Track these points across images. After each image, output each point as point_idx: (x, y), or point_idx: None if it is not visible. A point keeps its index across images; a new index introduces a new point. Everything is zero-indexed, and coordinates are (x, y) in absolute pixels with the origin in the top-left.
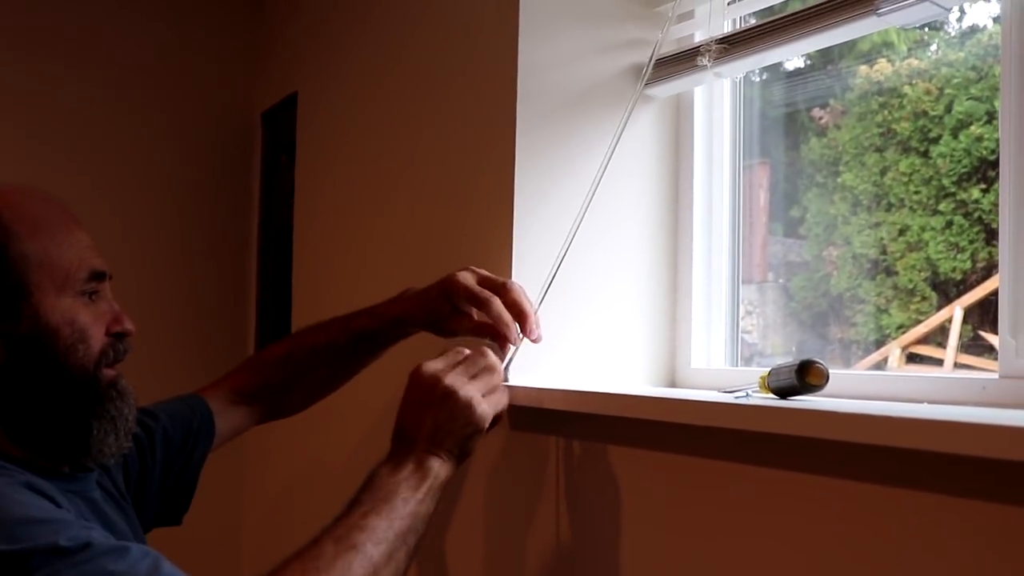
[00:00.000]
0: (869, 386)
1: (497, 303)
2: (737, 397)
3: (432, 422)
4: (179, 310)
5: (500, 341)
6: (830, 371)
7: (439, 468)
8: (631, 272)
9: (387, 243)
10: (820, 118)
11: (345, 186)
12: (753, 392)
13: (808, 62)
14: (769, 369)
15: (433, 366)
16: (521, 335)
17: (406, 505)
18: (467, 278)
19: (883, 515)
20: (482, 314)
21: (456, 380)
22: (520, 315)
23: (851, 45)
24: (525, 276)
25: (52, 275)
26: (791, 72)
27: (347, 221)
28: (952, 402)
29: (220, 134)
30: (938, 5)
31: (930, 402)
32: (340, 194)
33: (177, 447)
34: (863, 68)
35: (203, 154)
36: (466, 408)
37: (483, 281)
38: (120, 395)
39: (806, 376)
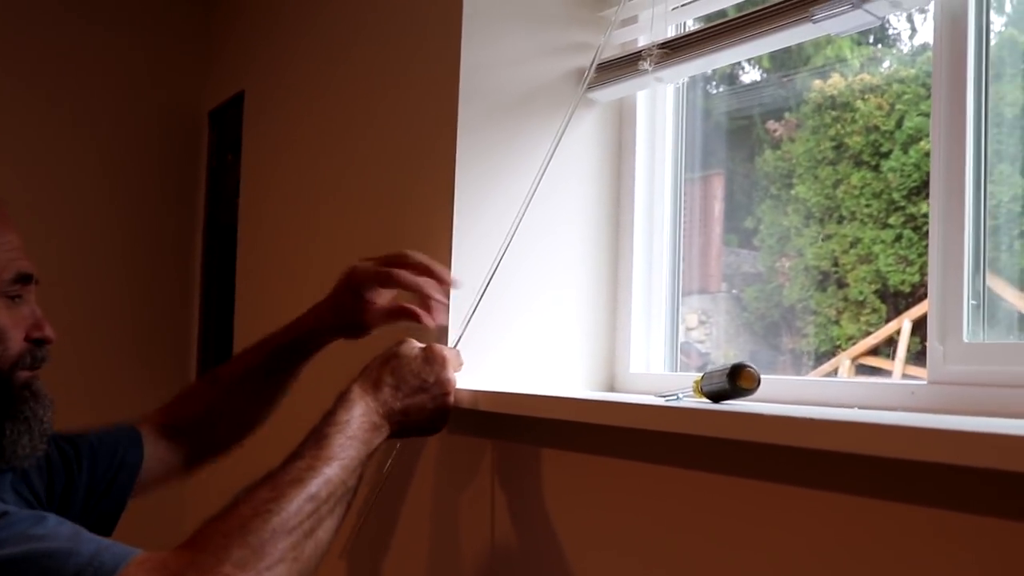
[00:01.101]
0: (806, 391)
1: (401, 272)
2: (668, 400)
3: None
4: (122, 311)
5: (423, 306)
6: (760, 375)
7: (382, 426)
8: (572, 276)
9: (330, 242)
10: (775, 130)
11: (290, 185)
12: (685, 396)
13: (763, 74)
14: (702, 374)
15: (451, 353)
16: (441, 292)
17: (343, 451)
18: (365, 263)
19: (805, 516)
20: (392, 296)
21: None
22: (428, 271)
23: (805, 59)
24: (465, 277)
25: None
26: (747, 84)
27: (291, 220)
28: (883, 407)
29: (166, 132)
30: (871, 13)
31: (862, 407)
32: (285, 193)
33: (103, 467)
34: (817, 82)
35: (149, 152)
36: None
37: (381, 261)
38: (34, 396)
39: (737, 380)
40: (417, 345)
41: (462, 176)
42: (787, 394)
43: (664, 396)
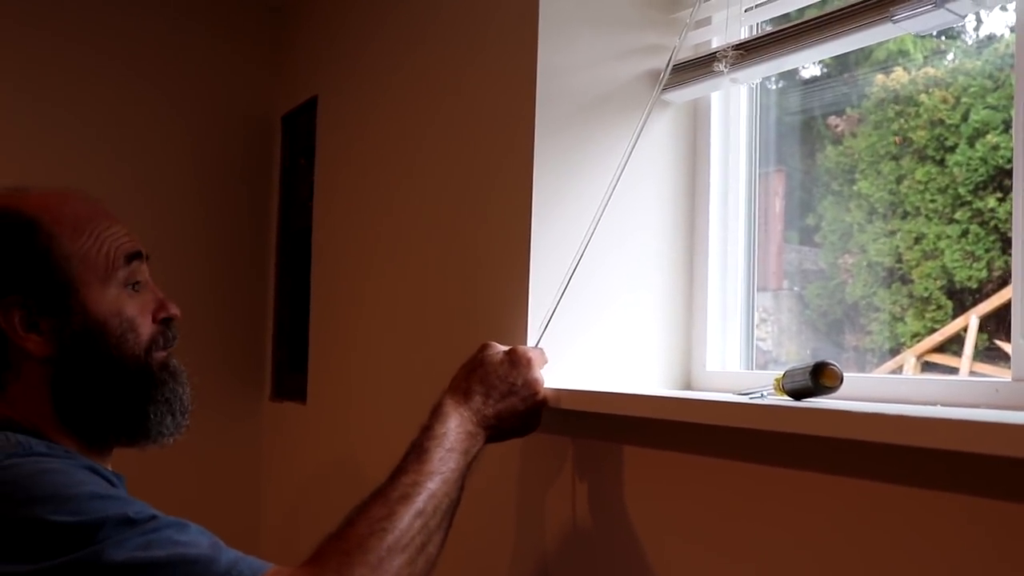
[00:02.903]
0: (883, 389)
1: None
2: (752, 398)
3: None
4: (199, 314)
5: None
6: (843, 373)
7: (477, 434)
8: (648, 275)
9: (405, 246)
10: (836, 126)
11: (364, 189)
12: (768, 394)
13: (824, 70)
14: (784, 371)
15: (536, 353)
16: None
17: (444, 464)
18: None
19: (895, 513)
20: None
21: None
22: None
23: (867, 53)
24: (543, 279)
25: (95, 269)
26: (807, 80)
27: (366, 225)
28: (966, 405)
29: (240, 136)
30: (953, 12)
31: (944, 405)
32: (359, 198)
33: None
34: (879, 76)
35: (224, 156)
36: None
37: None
38: (173, 376)
39: (820, 378)
40: (501, 349)
41: (540, 179)
42: (866, 392)
43: (748, 394)
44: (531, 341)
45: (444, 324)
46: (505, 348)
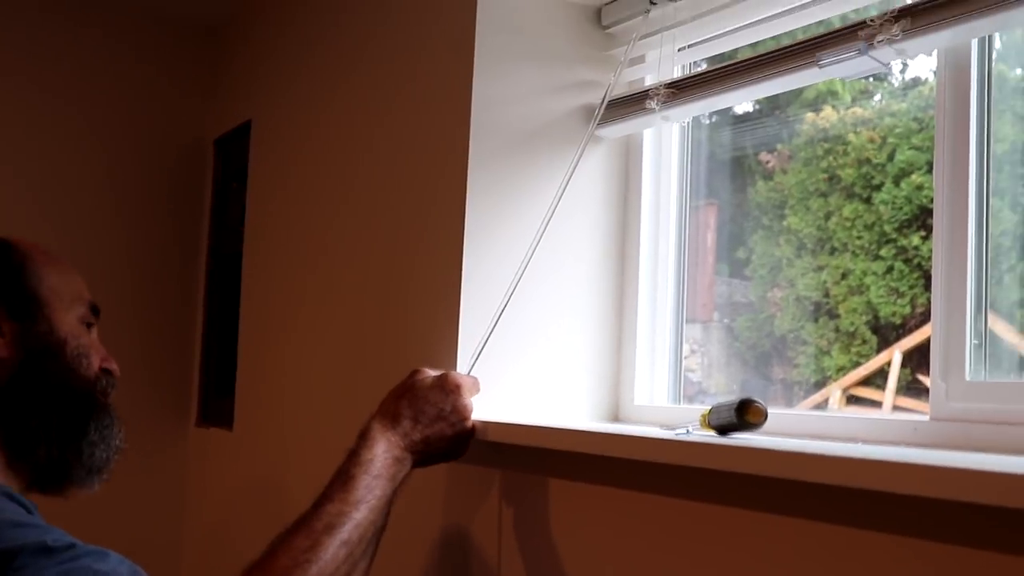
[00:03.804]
0: (807, 425)
1: None
2: (678, 434)
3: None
4: (125, 334)
5: None
6: (769, 410)
7: (404, 459)
8: (578, 309)
9: (337, 272)
10: (767, 162)
11: (297, 214)
12: (694, 429)
13: (756, 107)
14: (710, 407)
15: (467, 380)
16: None
17: (370, 492)
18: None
19: (816, 549)
20: None
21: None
22: None
23: (798, 92)
24: (474, 308)
25: (61, 298)
26: (739, 116)
27: (298, 249)
28: (886, 442)
29: (173, 160)
30: (876, 60)
31: (865, 442)
32: (292, 222)
33: None
34: (809, 115)
35: (155, 179)
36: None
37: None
38: (113, 415)
39: (745, 414)
40: (431, 374)
41: (472, 209)
42: (789, 427)
43: (673, 429)
44: (462, 369)
45: (375, 350)
46: (436, 373)
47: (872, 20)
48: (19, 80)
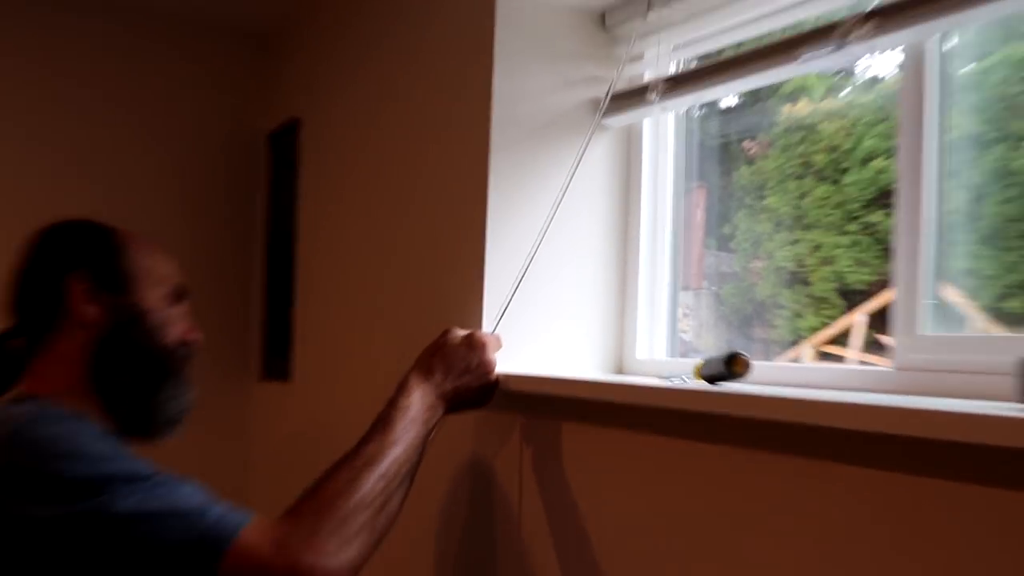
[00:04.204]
0: (786, 375)
1: None
2: (674, 383)
3: (448, 365)
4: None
5: None
6: (752, 362)
7: (437, 406)
8: (587, 276)
9: (377, 246)
10: (749, 149)
11: (341, 196)
12: (688, 379)
13: (740, 100)
14: (702, 360)
15: (491, 338)
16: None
17: (406, 433)
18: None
19: (793, 480)
20: None
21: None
22: None
23: (776, 87)
24: (497, 276)
25: (151, 277)
26: (725, 108)
27: (343, 227)
28: (855, 389)
29: (233, 152)
30: (849, 55)
31: (837, 389)
32: (337, 203)
33: None
34: (786, 107)
35: (219, 169)
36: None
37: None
38: (186, 378)
39: (732, 365)
40: (460, 333)
41: (494, 192)
42: (772, 377)
43: (670, 379)
44: (487, 329)
45: (411, 312)
46: (465, 333)
47: (845, 20)
48: (100, 90)
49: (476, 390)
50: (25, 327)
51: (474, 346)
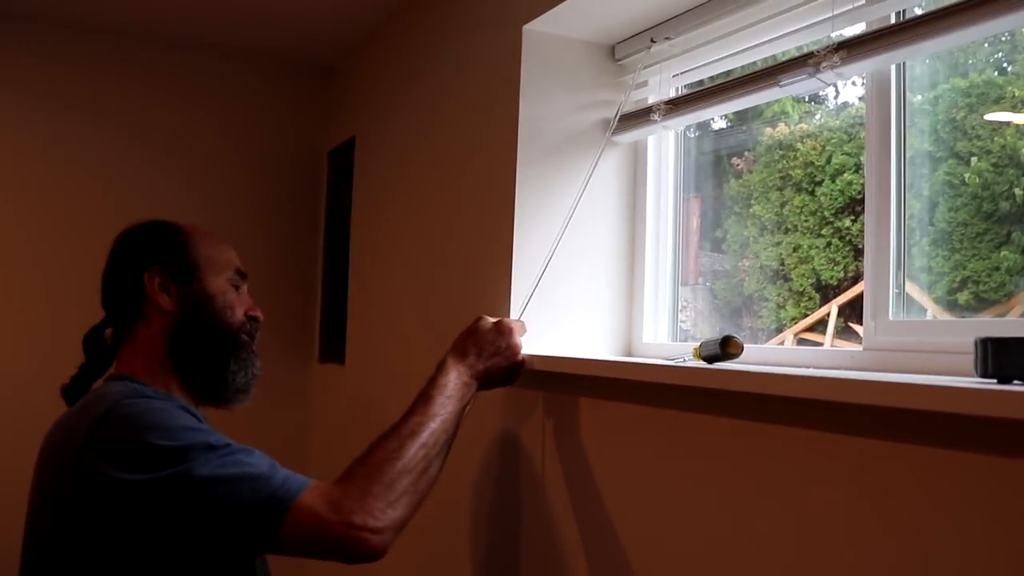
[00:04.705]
0: (773, 356)
1: None
2: (677, 362)
3: (478, 348)
4: (267, 296)
5: None
6: (744, 344)
7: (471, 384)
8: (600, 272)
9: (420, 247)
10: (737, 164)
11: (390, 205)
12: (688, 359)
13: (729, 123)
14: (700, 342)
15: (517, 324)
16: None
17: (444, 408)
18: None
19: (780, 447)
20: None
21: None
22: None
23: (759, 111)
24: (521, 271)
25: (214, 266)
26: (716, 129)
27: (391, 231)
28: (831, 367)
29: (298, 167)
30: (822, 80)
31: (815, 367)
32: (386, 210)
33: None
34: (768, 129)
35: (285, 181)
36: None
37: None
38: (252, 352)
39: (727, 347)
40: (490, 320)
41: (520, 199)
42: (761, 358)
43: (673, 359)
44: (514, 316)
45: (449, 302)
46: (495, 320)
47: (819, 51)
48: (192, 114)
49: (505, 370)
50: (114, 318)
51: (502, 331)
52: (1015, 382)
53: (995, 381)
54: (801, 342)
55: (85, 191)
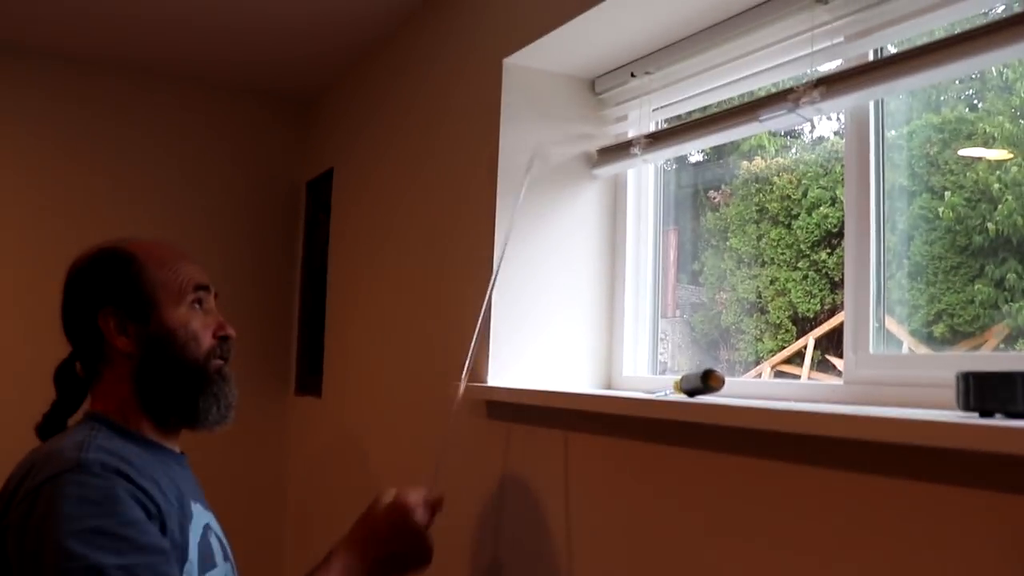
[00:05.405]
0: (754, 389)
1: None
2: (658, 396)
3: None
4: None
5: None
6: (725, 377)
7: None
8: (580, 303)
9: (397, 278)
10: (714, 198)
11: (367, 236)
12: (669, 392)
13: (706, 157)
14: (681, 375)
15: (415, 499)
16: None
17: None
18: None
19: (761, 481)
20: None
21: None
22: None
23: (736, 145)
24: (499, 302)
25: (171, 294)
26: (694, 163)
27: (368, 263)
28: (812, 400)
29: (276, 197)
30: (801, 116)
31: (797, 401)
32: (363, 242)
33: None
34: (744, 163)
35: (263, 212)
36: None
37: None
38: (223, 379)
39: (709, 380)
40: (389, 498)
41: (499, 229)
42: (742, 391)
43: (654, 392)
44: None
45: (427, 337)
46: (391, 499)
47: (798, 87)
48: (169, 145)
49: (405, 555)
50: (78, 353)
51: (399, 512)
52: (997, 416)
53: (977, 415)
54: (778, 374)
55: (62, 223)
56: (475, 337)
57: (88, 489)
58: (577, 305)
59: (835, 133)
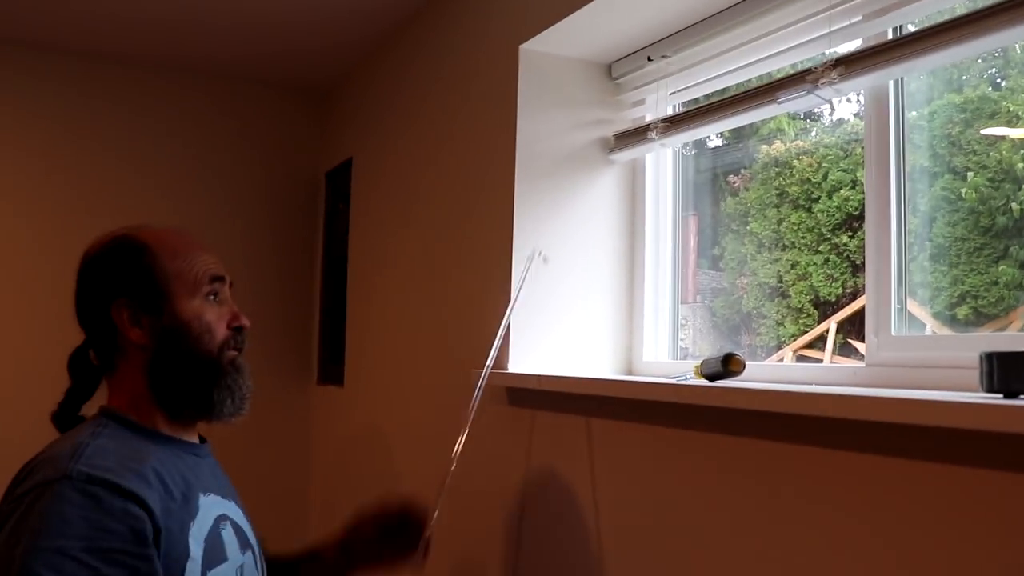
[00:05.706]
0: (775, 373)
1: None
2: (679, 381)
3: None
4: (265, 318)
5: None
6: (746, 361)
7: None
8: (601, 290)
9: (416, 267)
10: (734, 182)
11: (387, 225)
12: (689, 377)
13: (725, 141)
14: (701, 360)
15: None
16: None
17: None
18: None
19: (782, 465)
20: None
21: None
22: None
23: (755, 129)
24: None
25: (185, 285)
26: (713, 148)
27: (388, 252)
28: (835, 383)
29: (297, 187)
30: (820, 97)
31: (819, 384)
32: (382, 231)
33: None
34: (764, 146)
35: (285, 202)
36: None
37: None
38: (237, 371)
39: (729, 365)
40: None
41: (518, 216)
42: (762, 375)
43: (675, 377)
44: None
45: (447, 325)
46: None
47: (816, 68)
48: (193, 137)
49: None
50: (93, 344)
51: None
52: (1021, 397)
53: (1001, 396)
54: (800, 359)
55: (83, 216)
56: (502, 326)
57: (68, 505)
58: (597, 291)
59: (855, 115)
